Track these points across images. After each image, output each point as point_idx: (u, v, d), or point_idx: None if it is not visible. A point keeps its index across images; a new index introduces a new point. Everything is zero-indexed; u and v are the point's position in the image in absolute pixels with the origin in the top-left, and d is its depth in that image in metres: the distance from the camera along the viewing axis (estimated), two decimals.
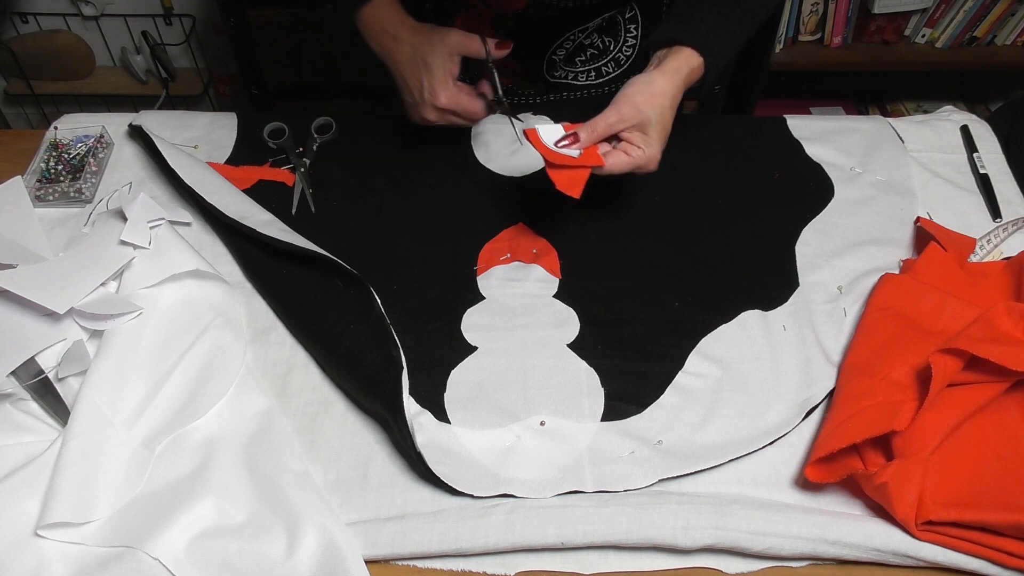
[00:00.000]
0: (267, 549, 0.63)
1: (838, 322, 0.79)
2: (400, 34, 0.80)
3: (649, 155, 0.74)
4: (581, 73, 0.91)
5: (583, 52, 0.88)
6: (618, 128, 0.73)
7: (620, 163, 0.73)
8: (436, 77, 0.79)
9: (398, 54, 0.81)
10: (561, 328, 0.78)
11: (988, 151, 0.96)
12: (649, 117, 0.73)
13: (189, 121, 0.97)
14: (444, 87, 0.79)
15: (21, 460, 0.67)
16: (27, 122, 2.11)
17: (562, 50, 0.87)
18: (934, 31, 1.75)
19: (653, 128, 0.73)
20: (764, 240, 0.86)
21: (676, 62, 0.75)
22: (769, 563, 0.65)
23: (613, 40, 0.87)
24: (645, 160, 0.74)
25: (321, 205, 0.89)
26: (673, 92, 0.75)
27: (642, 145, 0.73)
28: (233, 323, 0.77)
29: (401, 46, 0.80)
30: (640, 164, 0.74)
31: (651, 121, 0.73)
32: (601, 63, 0.89)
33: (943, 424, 0.66)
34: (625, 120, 0.73)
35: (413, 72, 0.80)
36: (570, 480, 0.68)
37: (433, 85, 0.79)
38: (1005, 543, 0.62)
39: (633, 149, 0.73)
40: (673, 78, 0.75)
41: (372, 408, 0.72)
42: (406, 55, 0.80)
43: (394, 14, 0.80)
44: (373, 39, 0.82)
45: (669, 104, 0.74)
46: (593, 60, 0.89)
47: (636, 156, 0.73)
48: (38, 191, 0.88)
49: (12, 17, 1.84)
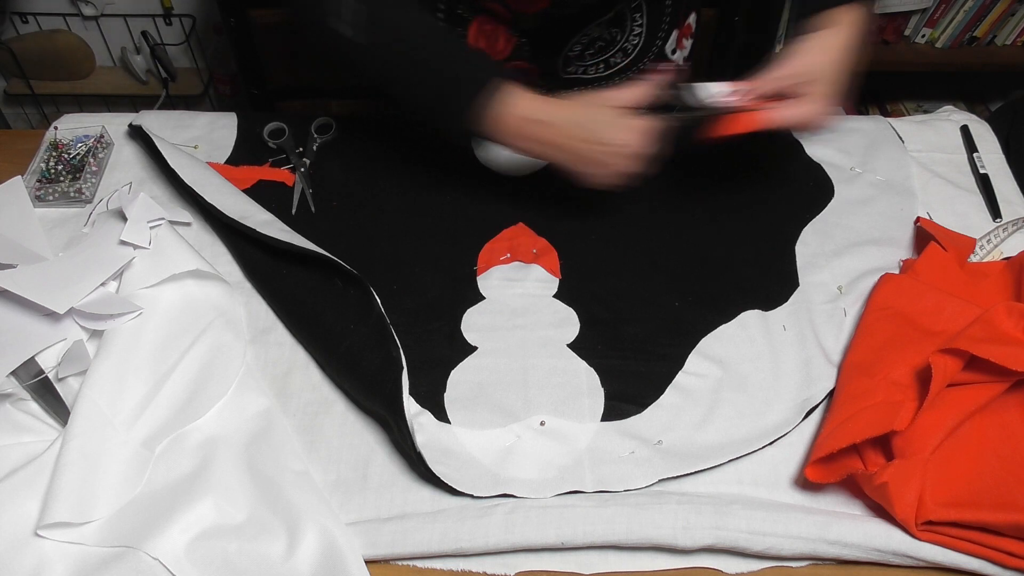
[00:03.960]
0: (267, 549, 0.63)
1: (838, 322, 0.79)
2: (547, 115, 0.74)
3: (818, 109, 0.73)
4: (591, 66, 0.91)
5: (592, 45, 0.88)
6: (784, 83, 0.73)
7: (786, 115, 0.73)
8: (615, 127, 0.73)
9: (553, 135, 0.74)
10: (561, 328, 0.78)
11: (988, 151, 0.96)
12: (815, 72, 0.73)
13: (189, 121, 0.97)
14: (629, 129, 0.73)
15: (21, 460, 0.67)
16: (27, 122, 2.11)
17: (578, 45, 0.87)
18: (934, 31, 1.75)
19: (821, 83, 0.73)
20: (764, 240, 0.86)
21: (840, 17, 0.75)
22: (769, 563, 0.65)
23: (620, 31, 0.87)
24: (813, 113, 0.73)
25: (321, 205, 0.89)
26: (842, 45, 0.74)
27: (808, 100, 0.73)
28: (233, 323, 0.77)
29: (554, 127, 0.74)
30: (806, 118, 0.73)
31: (818, 76, 0.73)
32: (609, 54, 0.90)
33: (943, 424, 0.66)
34: (790, 76, 0.73)
35: (582, 141, 0.74)
36: (570, 480, 0.68)
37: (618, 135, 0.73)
38: (1005, 543, 0.62)
39: (801, 102, 0.73)
40: (842, 32, 0.74)
41: (372, 408, 0.72)
42: (564, 132, 0.74)
43: (529, 102, 0.73)
44: (514, 135, 0.75)
45: (838, 58, 0.73)
46: (601, 52, 0.89)
47: (804, 108, 0.73)
48: (38, 191, 0.88)
49: (12, 17, 1.84)
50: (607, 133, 0.73)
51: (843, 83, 0.75)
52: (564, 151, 0.75)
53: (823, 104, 0.73)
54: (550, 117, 0.74)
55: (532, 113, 0.74)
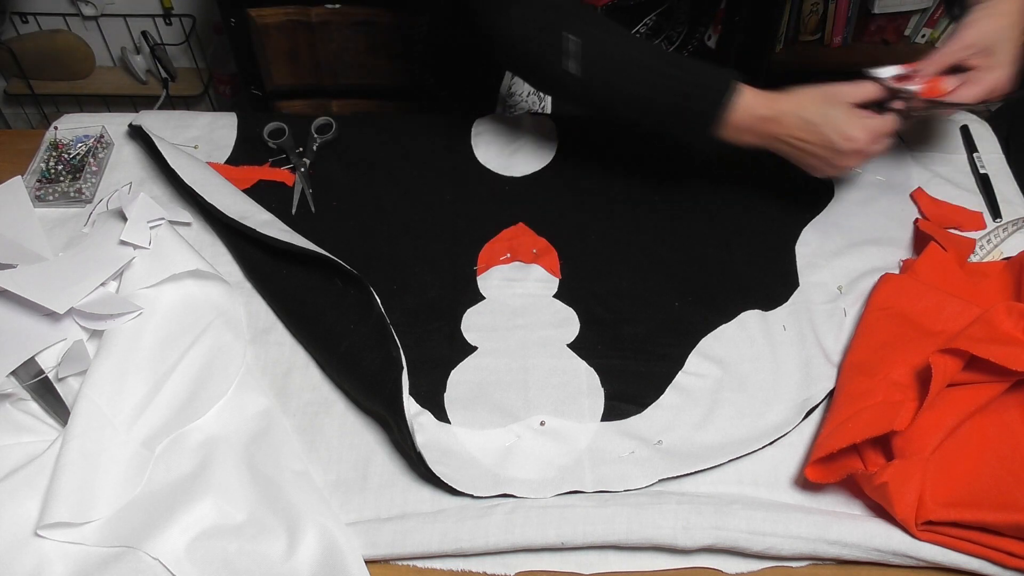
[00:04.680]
0: (267, 549, 0.63)
1: (838, 322, 0.79)
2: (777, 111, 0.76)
3: (1000, 76, 0.73)
4: None
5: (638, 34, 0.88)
6: (962, 55, 0.73)
7: (972, 93, 0.72)
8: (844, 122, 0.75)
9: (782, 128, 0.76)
10: (561, 328, 0.78)
11: (988, 151, 0.96)
12: (994, 39, 0.72)
13: (189, 121, 0.97)
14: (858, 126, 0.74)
15: (21, 460, 0.67)
16: (27, 122, 2.11)
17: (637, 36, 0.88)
18: (934, 31, 1.75)
19: (1001, 49, 0.72)
20: (764, 240, 0.86)
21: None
22: (769, 563, 0.65)
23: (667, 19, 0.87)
24: (995, 82, 0.73)
25: (321, 205, 0.89)
26: (1016, 9, 0.73)
27: (991, 69, 0.72)
28: (233, 323, 0.77)
29: (783, 119, 0.76)
30: (992, 88, 0.73)
31: (998, 42, 0.72)
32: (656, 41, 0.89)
33: (943, 424, 0.66)
34: (969, 47, 0.72)
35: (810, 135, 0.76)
36: (570, 480, 0.68)
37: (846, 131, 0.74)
38: (1005, 543, 0.62)
39: (983, 75, 0.72)
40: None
41: (372, 408, 0.72)
42: (792, 125, 0.76)
43: (760, 98, 0.76)
44: (748, 134, 0.77)
45: (1015, 23, 0.73)
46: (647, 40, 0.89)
47: (988, 80, 0.72)
48: (38, 191, 0.88)
49: (12, 17, 1.84)
50: (838, 132, 0.74)
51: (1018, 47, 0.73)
52: (792, 146, 0.77)
53: (1001, 73, 0.73)
54: (779, 114, 0.76)
55: (763, 111, 0.76)
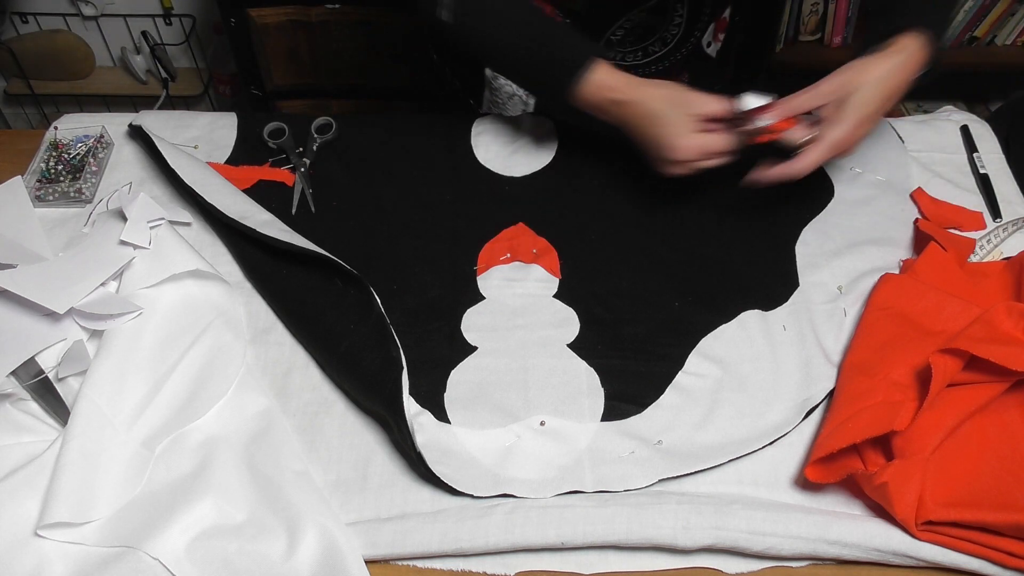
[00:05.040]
0: (267, 549, 0.63)
1: (838, 322, 0.79)
2: (626, 96, 0.78)
3: (839, 134, 0.72)
4: (629, 53, 0.91)
5: (633, 32, 0.88)
6: (817, 103, 0.73)
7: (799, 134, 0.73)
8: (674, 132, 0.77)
9: (630, 117, 0.79)
10: (561, 328, 0.78)
11: (988, 151, 0.96)
12: (849, 96, 0.72)
13: (189, 121, 0.97)
14: (685, 140, 0.77)
15: (21, 460, 0.67)
16: (27, 122, 2.11)
17: (621, 31, 0.88)
18: None
19: (852, 108, 0.72)
20: (764, 240, 0.86)
21: (895, 45, 0.74)
22: (769, 563, 0.65)
23: (661, 19, 0.88)
24: (834, 139, 0.72)
25: (321, 205, 0.89)
26: (886, 73, 0.73)
27: (835, 124, 0.72)
28: (233, 323, 0.77)
29: (628, 107, 0.78)
30: (831, 142, 0.72)
31: (851, 101, 0.72)
32: (648, 42, 0.90)
33: (943, 424, 0.66)
34: (826, 96, 0.73)
35: (649, 130, 0.79)
36: (570, 480, 0.68)
37: (672, 142, 0.77)
38: (1005, 543, 0.62)
39: (826, 127, 0.73)
40: (893, 58, 0.73)
41: (372, 408, 0.72)
42: (638, 114, 0.78)
43: (614, 79, 0.78)
44: (597, 110, 0.81)
45: (879, 85, 0.72)
46: (640, 40, 0.89)
47: (827, 135, 0.72)
48: (38, 191, 0.88)
49: (12, 17, 1.84)
50: (668, 137, 0.77)
51: (881, 107, 0.73)
52: (635, 132, 0.81)
53: (840, 132, 0.72)
54: (628, 100, 0.78)
55: (613, 93, 0.78)
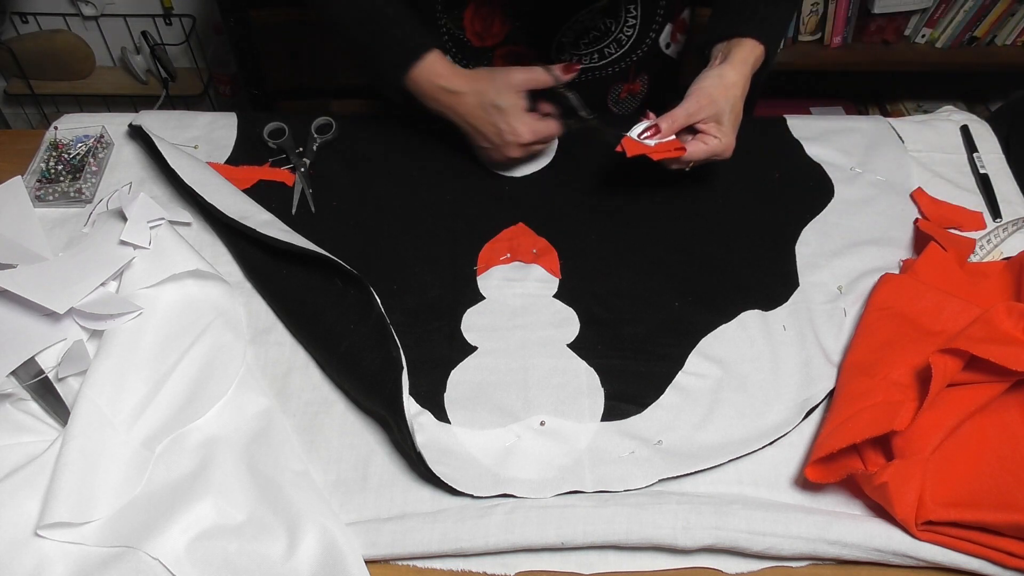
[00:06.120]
0: (267, 549, 0.63)
1: (838, 322, 0.79)
2: (458, 87, 0.83)
3: (725, 143, 0.79)
4: (585, 55, 0.92)
5: (586, 35, 0.89)
6: (696, 119, 0.79)
7: (699, 151, 0.79)
8: (512, 116, 0.83)
9: (462, 107, 0.84)
10: (561, 328, 0.78)
11: (988, 151, 0.96)
12: (724, 108, 0.78)
13: (189, 121, 0.97)
14: (523, 123, 0.83)
15: (21, 460, 0.67)
16: (27, 122, 2.11)
17: (571, 32, 0.89)
18: (934, 31, 1.75)
19: (727, 118, 0.79)
20: (764, 240, 0.86)
21: (741, 53, 0.81)
22: (769, 563, 0.65)
23: (614, 21, 0.89)
24: (721, 148, 0.79)
25: (321, 205, 0.89)
26: (743, 82, 0.80)
27: (718, 135, 0.79)
28: (233, 323, 0.77)
29: (464, 98, 0.83)
30: (717, 152, 0.79)
31: (725, 112, 0.79)
32: (603, 44, 0.91)
33: (943, 424, 0.66)
34: (702, 111, 0.78)
35: (484, 119, 0.84)
36: (570, 480, 0.68)
37: (513, 125, 0.83)
38: (1005, 543, 0.62)
39: (710, 139, 0.79)
40: (741, 69, 0.80)
41: (372, 408, 0.72)
42: (471, 105, 0.83)
43: (446, 68, 0.83)
44: (429, 98, 0.84)
45: (740, 94, 0.80)
46: (596, 42, 0.90)
47: (713, 145, 0.79)
48: (38, 191, 0.88)
49: (12, 17, 1.84)
50: (506, 123, 0.83)
51: (739, 116, 0.81)
52: (463, 121, 0.85)
53: (727, 141, 0.80)
54: (459, 90, 0.83)
55: (444, 83, 0.83)
